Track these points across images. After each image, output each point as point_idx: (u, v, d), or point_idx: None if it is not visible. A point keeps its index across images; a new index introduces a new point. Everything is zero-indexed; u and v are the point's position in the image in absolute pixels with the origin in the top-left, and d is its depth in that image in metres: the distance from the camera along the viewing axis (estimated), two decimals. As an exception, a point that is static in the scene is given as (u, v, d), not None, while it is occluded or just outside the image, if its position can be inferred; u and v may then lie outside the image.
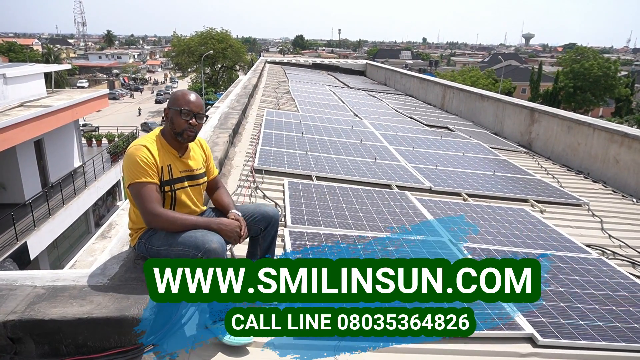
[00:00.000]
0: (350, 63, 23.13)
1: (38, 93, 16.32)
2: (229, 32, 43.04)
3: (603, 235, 3.96)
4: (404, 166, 5.36)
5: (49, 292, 1.89)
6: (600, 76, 42.02)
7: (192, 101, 2.22)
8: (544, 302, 2.55)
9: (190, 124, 2.19)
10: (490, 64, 67.81)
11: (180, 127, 2.19)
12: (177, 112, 2.19)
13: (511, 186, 5.07)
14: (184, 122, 2.19)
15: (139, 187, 2.09)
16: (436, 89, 12.67)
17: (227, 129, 5.54)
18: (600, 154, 6.11)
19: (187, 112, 2.19)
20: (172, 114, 2.21)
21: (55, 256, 14.76)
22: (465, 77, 45.22)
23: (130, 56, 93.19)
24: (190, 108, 2.20)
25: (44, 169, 15.80)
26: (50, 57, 46.01)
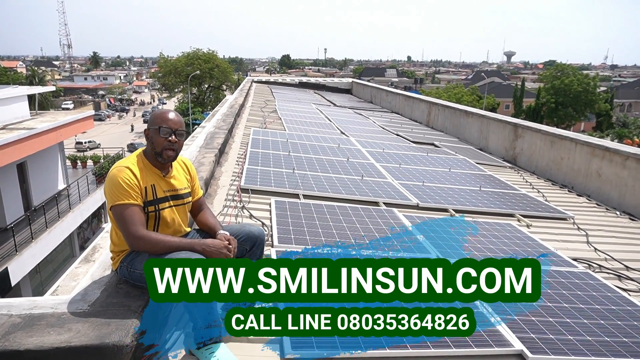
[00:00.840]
0: (336, 81, 23.39)
1: (21, 115, 16.15)
2: (216, 52, 43.34)
3: (589, 249, 3.99)
4: (391, 183, 5.37)
5: (26, 321, 1.82)
6: (580, 92, 43.09)
7: (170, 118, 2.21)
8: (532, 317, 2.54)
9: (169, 141, 2.17)
10: (474, 81, 69.17)
11: (160, 146, 2.18)
12: (156, 130, 2.18)
13: (497, 201, 5.10)
14: (163, 140, 2.17)
15: (121, 209, 2.06)
16: (421, 106, 12.84)
17: (213, 148, 5.52)
18: (583, 168, 6.21)
19: (166, 129, 2.17)
20: (152, 133, 2.21)
21: (38, 281, 14.39)
22: (450, 94, 45.97)
23: (117, 77, 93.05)
24: (169, 125, 2.19)
25: (27, 192, 15.52)
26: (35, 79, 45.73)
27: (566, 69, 46.97)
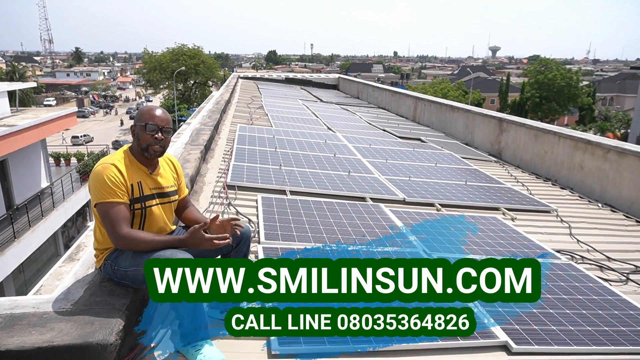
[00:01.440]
0: (323, 77, 23.34)
1: (1, 112, 15.80)
2: (201, 48, 42.88)
3: (572, 241, 4.05)
4: (378, 178, 5.39)
5: (6, 321, 1.79)
6: (563, 86, 43.70)
7: (157, 115, 2.19)
8: (517, 309, 2.58)
9: (156, 138, 2.15)
10: (460, 76, 69.65)
11: (146, 142, 2.15)
12: (142, 127, 2.16)
13: (483, 195, 5.15)
14: (149, 137, 2.15)
15: (106, 207, 2.03)
16: (408, 101, 12.89)
17: (198, 145, 5.47)
18: (566, 161, 6.30)
19: (152, 126, 2.15)
20: (138, 130, 2.18)
21: (21, 281, 14.15)
22: (436, 89, 46.25)
23: (100, 73, 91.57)
24: (155, 122, 2.16)
25: (9, 191, 15.22)
26: (15, 75, 44.72)
27: (550, 63, 47.58)
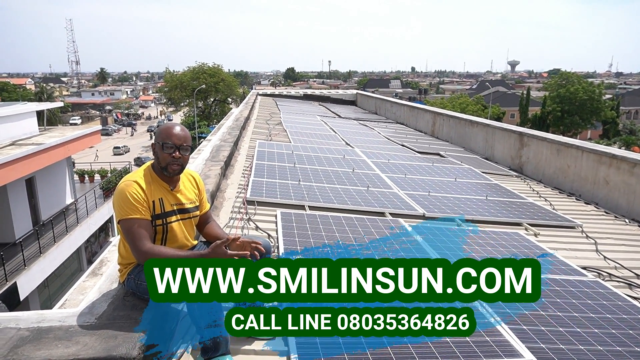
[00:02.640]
0: (340, 93, 23.51)
1: (30, 131, 16.34)
2: (221, 67, 43.75)
3: (598, 257, 3.94)
4: (397, 193, 5.36)
5: (34, 334, 1.83)
6: (585, 100, 42.99)
7: (174, 134, 2.21)
8: (542, 327, 2.51)
9: (173, 157, 2.18)
10: (479, 91, 69.22)
11: (165, 161, 2.19)
12: (160, 145, 2.19)
13: (504, 210, 5.07)
14: (167, 156, 2.18)
15: (129, 223, 2.08)
16: (426, 116, 12.86)
17: (219, 161, 5.55)
18: (590, 175, 6.16)
19: (170, 145, 2.18)
20: (157, 148, 2.22)
21: (46, 296, 14.42)
22: (454, 104, 46.02)
23: (124, 92, 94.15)
24: (173, 141, 2.19)
25: (35, 207, 15.64)
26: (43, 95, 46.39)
27: (571, 77, 46.94)
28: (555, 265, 3.51)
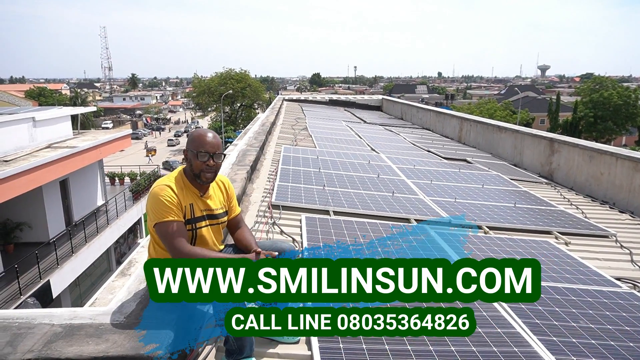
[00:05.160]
0: (366, 99, 23.47)
1: (65, 134, 16.96)
2: (248, 72, 44.42)
3: (633, 268, 3.80)
4: (422, 199, 5.31)
5: (66, 331, 1.89)
6: (620, 105, 41.54)
7: (208, 142, 2.23)
8: (573, 339, 2.43)
9: (207, 165, 2.21)
10: (507, 96, 67.85)
11: (198, 169, 2.22)
12: (194, 154, 2.22)
13: (533, 218, 4.95)
14: (201, 164, 2.21)
15: (166, 226, 2.11)
16: (453, 121, 12.69)
17: (245, 165, 5.62)
18: (625, 183, 5.95)
19: (204, 153, 2.21)
20: (190, 156, 2.24)
21: (77, 294, 14.87)
22: (482, 109, 45.23)
23: (153, 97, 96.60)
24: (207, 149, 2.21)
25: (68, 208, 16.18)
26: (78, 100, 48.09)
27: (605, 81, 45.47)
28: (588, 276, 3.40)
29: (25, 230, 13.91)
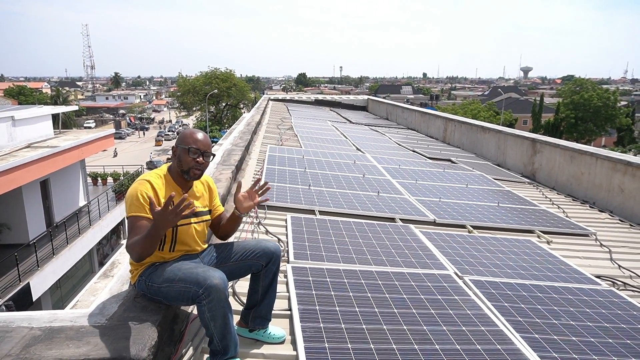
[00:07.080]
0: (352, 99, 23.53)
1: (45, 134, 16.62)
2: (233, 72, 44.13)
3: (612, 266, 3.88)
4: (407, 199, 5.34)
5: (46, 334, 1.85)
6: (600, 106, 42.43)
7: (200, 140, 2.27)
8: (555, 336, 2.47)
9: (197, 161, 2.23)
10: (491, 97, 68.74)
11: (187, 165, 2.23)
12: (185, 150, 2.23)
13: (516, 217, 5.02)
14: (191, 160, 2.23)
15: (133, 220, 2.10)
16: (438, 122, 12.80)
17: (230, 165, 5.58)
18: (604, 183, 6.07)
19: (195, 150, 2.23)
20: (180, 152, 2.25)
21: (58, 297, 14.59)
22: (466, 110, 45.73)
23: (137, 97, 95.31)
24: (198, 146, 2.24)
25: (49, 209, 15.87)
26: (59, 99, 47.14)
27: (585, 83, 46.44)
28: (568, 274, 3.46)
29: (4, 231, 13.60)
